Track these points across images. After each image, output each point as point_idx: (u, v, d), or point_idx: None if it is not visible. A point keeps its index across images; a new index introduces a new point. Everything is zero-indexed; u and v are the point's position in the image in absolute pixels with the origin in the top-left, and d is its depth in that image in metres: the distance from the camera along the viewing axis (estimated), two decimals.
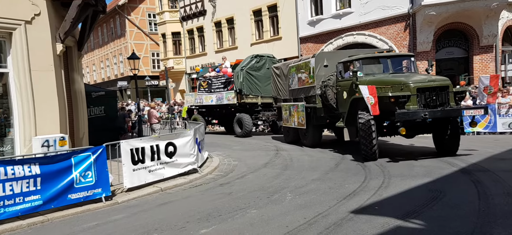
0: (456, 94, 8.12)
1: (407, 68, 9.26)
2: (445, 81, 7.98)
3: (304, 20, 19.63)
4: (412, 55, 9.78)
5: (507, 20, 15.18)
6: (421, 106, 7.73)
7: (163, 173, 7.62)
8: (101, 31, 39.01)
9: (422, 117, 7.46)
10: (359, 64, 9.18)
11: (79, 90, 9.22)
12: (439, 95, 7.78)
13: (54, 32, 7.65)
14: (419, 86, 7.76)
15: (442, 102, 7.78)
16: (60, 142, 7.07)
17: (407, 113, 7.52)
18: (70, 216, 5.91)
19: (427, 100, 7.73)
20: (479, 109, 7.91)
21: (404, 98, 7.67)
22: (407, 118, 7.57)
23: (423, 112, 7.43)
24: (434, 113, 7.52)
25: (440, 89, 7.82)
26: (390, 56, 9.43)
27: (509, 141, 9.97)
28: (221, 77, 15.92)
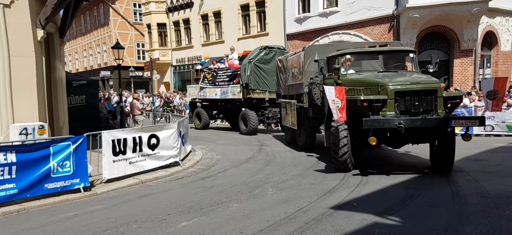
0: (447, 100, 6.69)
1: (403, 66, 7.97)
2: (432, 84, 6.58)
3: (291, 17, 19.70)
4: (411, 51, 8.23)
5: (487, 25, 15.66)
6: (398, 113, 6.51)
7: (144, 165, 7.54)
8: (84, 18, 38.07)
9: (396, 126, 6.17)
10: (344, 60, 8.00)
11: (60, 78, 9.01)
12: (424, 101, 6.45)
13: (34, 18, 7.43)
14: (398, 90, 6.50)
15: (426, 109, 6.48)
16: (39, 130, 6.91)
17: (376, 121, 6.32)
18: (47, 206, 5.79)
19: (407, 106, 6.48)
20: (473, 120, 6.69)
21: (378, 103, 6.50)
22: (376, 126, 6.34)
23: (398, 121, 6.18)
24: (411, 122, 6.24)
25: (425, 93, 6.47)
26: (383, 51, 7.87)
27: (483, 143, 10.32)
28: (227, 69, 14.69)
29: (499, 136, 11.59)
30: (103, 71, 34.36)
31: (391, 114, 6.51)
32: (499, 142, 10.59)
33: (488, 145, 10.01)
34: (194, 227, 4.63)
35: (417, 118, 6.34)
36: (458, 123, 6.46)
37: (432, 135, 6.98)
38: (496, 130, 11.79)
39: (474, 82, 15.03)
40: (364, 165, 7.77)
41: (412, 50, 8.27)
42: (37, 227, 4.90)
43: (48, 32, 8.11)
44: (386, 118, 6.42)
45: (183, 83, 28.09)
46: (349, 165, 7.10)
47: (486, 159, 8.33)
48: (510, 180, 6.39)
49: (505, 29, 16.46)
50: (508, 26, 16.58)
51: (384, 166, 7.92)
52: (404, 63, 8.06)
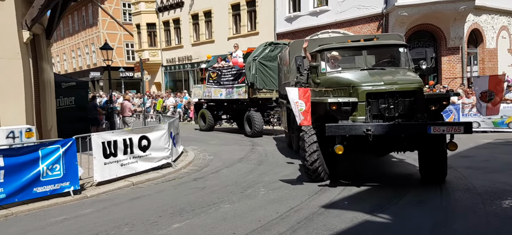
0: (431, 102, 5.81)
1: (397, 62, 6.88)
2: (410, 85, 5.72)
3: (281, 16, 19.76)
4: (401, 45, 7.02)
5: (473, 23, 15.93)
6: (370, 117, 5.72)
7: (135, 167, 7.49)
8: (71, 19, 37.52)
9: (364, 133, 5.41)
10: (331, 57, 6.95)
11: (48, 80, 8.88)
12: (400, 103, 5.63)
13: (20, 19, 7.32)
14: (369, 91, 5.70)
15: (404, 113, 5.64)
16: (27, 133, 6.80)
17: (341, 127, 5.54)
18: (36, 210, 5.71)
19: (381, 109, 5.67)
20: (456, 127, 5.53)
21: (347, 106, 5.69)
22: (341, 132, 5.54)
23: (365, 127, 5.41)
24: (382, 129, 5.46)
25: (403, 95, 5.63)
26: (368, 46, 6.88)
27: (471, 139, 10.50)
28: (232, 68, 13.79)
29: (485, 132, 11.81)
30: (92, 72, 33.93)
31: (362, 119, 5.73)
32: (486, 138, 10.80)
33: (475, 141, 10.20)
34: (186, 229, 4.62)
35: (388, 124, 5.51)
36: (438, 129, 5.33)
37: (414, 142, 6.07)
38: (483, 126, 12.01)
39: (462, 80, 15.29)
40: (354, 169, 7.79)
41: (402, 44, 7.02)
42: (25, 232, 4.83)
43: (34, 34, 7.99)
44: (351, 123, 5.62)
45: (175, 83, 27.95)
46: (322, 175, 6.22)
47: (473, 155, 8.49)
48: (496, 175, 6.53)
49: (490, 26, 16.78)
50: (493, 23, 16.90)
51: (377, 168, 7.92)
52: (397, 58, 6.91)
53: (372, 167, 7.68)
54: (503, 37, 17.40)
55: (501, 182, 6.06)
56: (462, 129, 5.49)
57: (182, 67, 26.75)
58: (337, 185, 6.27)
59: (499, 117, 11.88)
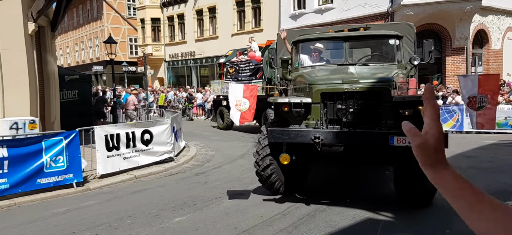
0: (401, 106, 4.62)
1: (384, 56, 5.87)
2: (375, 84, 4.76)
3: (286, 13, 19.68)
4: (393, 36, 5.76)
5: (479, 23, 15.82)
6: (326, 121, 4.85)
7: (138, 160, 7.51)
8: (76, 12, 37.58)
9: (312, 141, 4.59)
10: (299, 49, 5.96)
11: (52, 72, 8.91)
12: (363, 106, 4.72)
13: (26, 11, 7.33)
14: (324, 90, 4.81)
15: (367, 119, 4.72)
16: (30, 125, 6.84)
17: (286, 133, 4.74)
18: (39, 201, 5.73)
19: (338, 113, 4.78)
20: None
21: (298, 107, 4.84)
22: (285, 139, 4.76)
23: (314, 135, 4.58)
24: (333, 137, 4.61)
25: (365, 96, 4.71)
26: (350, 37, 5.73)
27: (474, 140, 10.46)
28: (250, 63, 13.04)
29: (489, 133, 11.74)
30: (95, 66, 34.02)
31: (312, 123, 4.89)
32: (490, 139, 10.74)
33: (479, 141, 10.15)
34: (188, 223, 4.62)
35: (341, 131, 4.65)
36: (403, 141, 4.31)
37: (384, 155, 5.06)
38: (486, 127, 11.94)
39: None
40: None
41: (394, 36, 5.73)
42: (28, 222, 4.85)
43: (39, 26, 8.00)
44: (298, 129, 4.82)
45: (177, 78, 27.97)
46: (278, 187, 5.32)
47: (477, 156, 8.45)
48: (500, 176, 6.49)
49: (496, 27, 16.65)
50: (499, 24, 16.77)
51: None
52: (389, 52, 5.82)
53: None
54: (509, 38, 17.26)
55: (505, 183, 6.03)
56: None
57: (185, 63, 26.75)
58: (339, 182, 6.25)
59: (503, 118, 11.83)
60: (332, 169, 7.22)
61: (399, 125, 4.49)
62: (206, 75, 25.84)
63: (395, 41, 5.71)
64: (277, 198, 5.49)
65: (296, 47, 5.98)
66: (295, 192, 5.60)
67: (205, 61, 25.28)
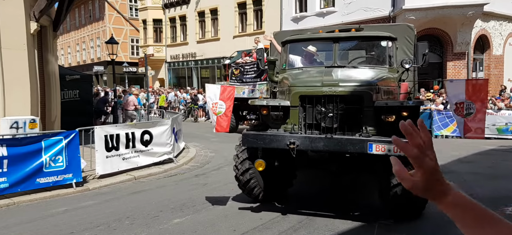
0: (384, 112, 4.39)
1: (376, 59, 5.56)
2: (356, 88, 4.54)
3: (288, 16, 19.71)
4: (386, 38, 5.38)
5: (480, 29, 15.82)
6: (305, 126, 4.63)
7: (137, 161, 7.50)
8: (78, 12, 37.65)
9: (287, 147, 4.34)
10: (287, 49, 5.65)
11: (53, 72, 8.92)
12: (343, 111, 4.49)
13: (28, 10, 7.34)
14: (302, 93, 4.62)
15: (348, 124, 4.51)
16: (31, 124, 6.84)
17: (260, 138, 4.51)
18: (38, 201, 5.73)
19: (317, 117, 4.56)
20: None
21: (276, 111, 4.67)
22: (260, 144, 4.53)
23: (289, 140, 4.33)
24: (310, 143, 4.35)
25: (346, 100, 4.48)
26: (340, 38, 5.41)
27: (474, 145, 10.43)
28: (254, 64, 12.64)
29: (489, 138, 11.72)
30: (96, 66, 34.06)
31: (289, 127, 4.68)
32: (490, 145, 10.72)
33: (478, 147, 10.12)
34: (187, 224, 4.61)
35: (317, 137, 4.37)
36: (382, 148, 4.07)
37: (366, 164, 4.84)
38: (487, 132, 11.91)
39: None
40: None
41: (386, 37, 5.37)
42: (27, 221, 4.85)
43: (41, 25, 8.02)
44: (273, 133, 4.59)
45: (178, 79, 28.00)
46: (257, 193, 5.14)
47: (476, 161, 8.43)
48: (500, 182, 6.48)
49: (498, 33, 16.65)
50: (501, 30, 16.78)
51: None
52: (381, 54, 5.49)
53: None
54: (511, 44, 17.27)
55: (505, 189, 6.01)
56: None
57: (186, 64, 26.79)
58: (339, 186, 6.23)
59: (504, 124, 11.81)
60: (323, 174, 6.49)
61: (381, 131, 4.40)
62: (206, 77, 25.87)
63: (387, 43, 5.36)
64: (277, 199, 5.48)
65: (284, 48, 5.74)
66: (275, 200, 5.29)
67: (206, 62, 25.31)
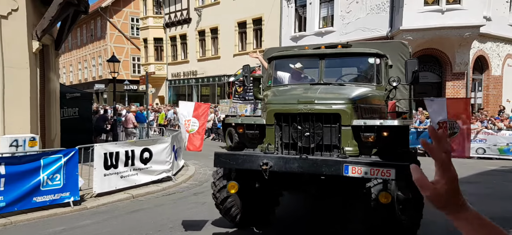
0: (359, 130, 4.15)
1: (363, 76, 5.34)
2: (332, 105, 4.26)
3: (287, 35, 19.96)
4: (373, 55, 5.19)
5: (478, 50, 16.00)
6: (281, 146, 4.40)
7: (135, 179, 7.44)
8: (80, 31, 38.14)
9: (260, 168, 4.06)
10: (273, 66, 5.47)
11: (54, 90, 8.96)
12: (320, 130, 4.24)
13: (31, 29, 7.43)
14: (278, 111, 4.40)
15: (326, 144, 4.25)
16: (30, 142, 6.82)
17: (233, 158, 4.29)
18: (35, 220, 5.65)
19: (294, 136, 4.32)
20: (385, 169, 3.75)
21: (251, 129, 4.50)
22: (233, 165, 4.34)
23: (262, 161, 4.06)
24: (284, 164, 4.07)
25: (322, 119, 4.24)
26: (326, 54, 5.24)
27: (476, 165, 10.39)
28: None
29: (491, 159, 11.68)
30: (97, 84, 34.26)
31: (271, 148, 4.40)
32: (491, 165, 10.67)
33: (480, 167, 10.08)
34: None
35: (292, 157, 4.10)
36: (358, 171, 3.80)
37: (347, 187, 4.58)
38: (488, 153, 11.89)
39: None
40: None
41: (373, 54, 5.17)
42: None
43: (43, 44, 8.10)
44: (246, 153, 4.38)
45: (178, 97, 28.12)
46: (235, 216, 4.87)
47: (478, 182, 8.38)
48: (503, 203, 6.42)
49: (496, 54, 16.84)
50: (499, 51, 16.97)
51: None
52: (368, 72, 5.28)
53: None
54: (509, 65, 17.43)
55: (507, 210, 5.95)
56: (393, 173, 3.68)
57: (187, 82, 26.97)
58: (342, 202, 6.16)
59: (505, 144, 11.80)
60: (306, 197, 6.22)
61: (362, 152, 4.22)
62: (207, 94, 26.00)
63: (374, 60, 5.14)
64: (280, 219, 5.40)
65: (270, 64, 5.57)
66: (258, 223, 4.99)
67: (206, 80, 25.49)
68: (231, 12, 22.98)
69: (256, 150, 4.51)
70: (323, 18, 18.77)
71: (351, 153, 4.16)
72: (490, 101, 16.42)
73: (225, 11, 23.23)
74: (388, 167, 3.75)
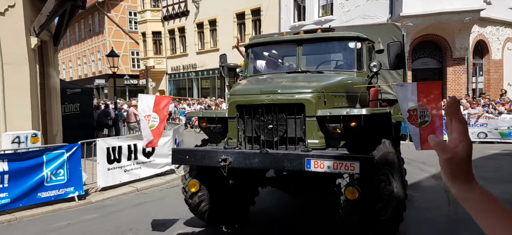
0: (325, 121, 3.84)
1: (345, 62, 5.03)
2: (295, 95, 3.96)
3: (286, 25, 19.83)
4: (353, 38, 4.87)
5: (478, 34, 15.90)
6: (244, 139, 4.13)
7: (139, 173, 7.47)
8: (78, 27, 37.98)
9: (218, 165, 3.82)
10: (250, 55, 5.28)
11: (54, 86, 8.95)
12: (284, 122, 3.95)
13: (28, 25, 7.40)
14: (239, 102, 4.14)
15: (290, 137, 3.96)
16: (32, 138, 6.83)
17: (191, 154, 4.09)
18: (40, 215, 5.69)
19: (257, 129, 4.04)
20: (349, 163, 3.45)
21: (212, 123, 4.32)
22: (191, 161, 4.19)
23: (221, 157, 3.82)
24: (244, 160, 3.80)
25: (287, 109, 3.94)
26: (305, 39, 4.92)
27: (478, 150, 10.39)
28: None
29: (492, 142, 11.70)
30: (97, 79, 34.23)
31: (231, 142, 4.16)
32: (493, 149, 10.69)
33: (481, 152, 10.09)
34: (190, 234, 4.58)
35: (252, 152, 3.85)
36: (321, 165, 3.51)
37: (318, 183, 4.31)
38: (489, 137, 11.90)
39: (467, 90, 15.22)
40: None
41: (353, 37, 4.84)
42: None
43: (42, 40, 8.07)
44: (204, 149, 4.20)
45: (178, 91, 28.09)
46: (204, 212, 4.56)
47: (480, 166, 8.39)
48: (505, 186, 6.44)
49: (496, 38, 16.74)
50: (499, 35, 16.87)
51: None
52: (349, 57, 4.94)
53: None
54: (509, 49, 17.34)
55: (507, 192, 5.97)
56: (357, 167, 3.40)
57: (187, 75, 26.90)
58: None
59: (506, 128, 11.79)
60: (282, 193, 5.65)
61: (330, 144, 3.91)
62: (207, 87, 25.96)
63: (355, 44, 4.79)
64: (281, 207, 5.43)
65: (246, 53, 5.28)
66: (229, 223, 4.72)
67: (206, 73, 25.42)
68: (230, 2, 22.83)
69: (220, 145, 4.23)
70: (323, 7, 18.64)
71: (316, 146, 3.85)
72: (491, 85, 16.36)
73: (223, 2, 23.08)
74: (352, 160, 3.43)
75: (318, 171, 3.53)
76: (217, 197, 4.52)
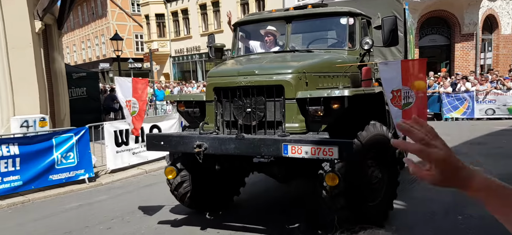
0: (311, 104, 3.58)
1: (336, 40, 4.76)
2: (273, 77, 3.74)
3: (291, 3, 19.51)
4: (344, 13, 4.57)
5: (487, 9, 15.54)
6: (222, 124, 3.94)
7: (147, 155, 7.55)
8: (81, 10, 37.74)
9: (193, 151, 3.64)
10: (238, 34, 5.04)
11: (60, 70, 8.97)
12: (262, 105, 3.73)
13: (32, 9, 7.36)
14: (217, 85, 3.94)
15: (268, 120, 3.74)
16: (41, 122, 6.90)
17: (166, 140, 3.96)
18: (52, 197, 5.82)
19: (235, 113, 3.86)
20: (327, 148, 3.27)
21: (190, 106, 4.17)
22: (166, 148, 4.03)
23: (196, 143, 3.65)
24: (220, 145, 3.66)
25: (265, 91, 3.71)
26: (294, 16, 4.68)
27: (486, 126, 10.33)
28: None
29: (499, 119, 11.60)
30: (102, 63, 34.23)
31: (207, 127, 3.98)
32: (500, 125, 10.60)
33: (489, 128, 10.02)
34: (199, 217, 4.65)
35: (228, 137, 3.69)
36: (298, 150, 3.33)
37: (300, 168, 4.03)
38: (497, 113, 11.80)
39: (475, 67, 15.00)
40: None
41: (345, 13, 4.54)
42: (43, 217, 4.93)
43: (46, 24, 8.04)
44: (179, 134, 4.13)
45: (183, 74, 28.03)
46: (185, 194, 4.43)
47: (488, 142, 8.35)
48: (508, 160, 6.42)
49: (505, 12, 16.35)
50: (509, 9, 16.46)
51: None
52: (341, 34, 4.67)
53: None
54: None
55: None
56: (336, 152, 3.21)
57: (190, 58, 26.79)
58: None
59: None
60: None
61: (312, 128, 3.68)
62: None
63: (347, 20, 4.47)
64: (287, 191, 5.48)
65: (234, 32, 5.00)
66: (212, 209, 4.60)
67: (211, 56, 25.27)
68: None
69: (197, 131, 4.02)
70: None
71: (296, 130, 3.63)
72: (500, 61, 16.11)
73: None
74: (330, 145, 3.23)
75: (296, 157, 3.35)
76: (200, 182, 4.37)
